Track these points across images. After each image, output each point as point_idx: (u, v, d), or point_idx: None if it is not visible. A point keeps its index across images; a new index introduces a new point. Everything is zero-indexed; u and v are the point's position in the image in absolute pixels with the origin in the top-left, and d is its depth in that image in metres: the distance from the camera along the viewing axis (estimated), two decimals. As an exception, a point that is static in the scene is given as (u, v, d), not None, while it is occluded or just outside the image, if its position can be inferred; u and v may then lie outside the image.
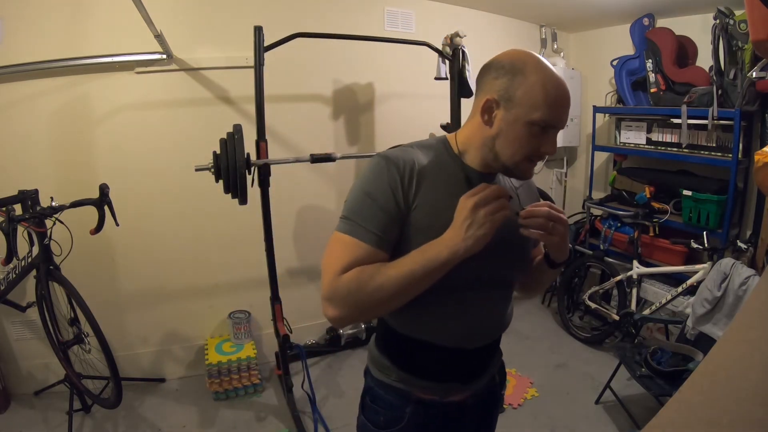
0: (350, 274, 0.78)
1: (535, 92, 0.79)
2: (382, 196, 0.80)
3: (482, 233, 0.75)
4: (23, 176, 2.07)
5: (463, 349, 0.91)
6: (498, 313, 0.95)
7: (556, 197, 3.60)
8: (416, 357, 0.92)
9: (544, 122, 0.80)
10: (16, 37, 2.03)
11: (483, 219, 0.75)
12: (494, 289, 0.92)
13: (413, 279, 0.77)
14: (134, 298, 2.43)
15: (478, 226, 0.75)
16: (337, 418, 2.20)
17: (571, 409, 2.25)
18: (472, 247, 0.76)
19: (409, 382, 0.93)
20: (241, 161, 1.83)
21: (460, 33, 2.47)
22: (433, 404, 0.94)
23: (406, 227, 0.82)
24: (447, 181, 0.85)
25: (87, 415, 2.16)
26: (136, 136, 2.30)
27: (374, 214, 0.80)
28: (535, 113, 0.78)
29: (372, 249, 0.79)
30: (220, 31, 2.37)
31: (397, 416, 0.95)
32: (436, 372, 0.92)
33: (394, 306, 0.81)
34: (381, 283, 0.77)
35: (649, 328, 2.78)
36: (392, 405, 0.95)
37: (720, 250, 2.32)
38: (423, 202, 0.81)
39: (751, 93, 2.34)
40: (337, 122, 2.72)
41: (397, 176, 0.81)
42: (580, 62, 3.52)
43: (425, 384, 0.93)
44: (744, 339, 0.75)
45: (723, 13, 2.34)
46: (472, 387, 0.97)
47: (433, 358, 0.91)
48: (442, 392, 0.94)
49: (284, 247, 2.61)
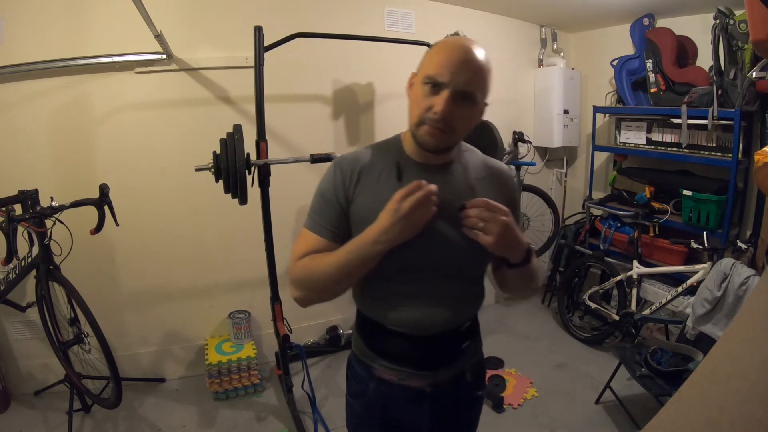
0: (302, 261, 0.91)
1: (433, 53, 0.88)
2: (329, 194, 0.94)
3: (400, 229, 0.81)
4: (23, 176, 2.07)
5: (414, 335, 0.94)
6: (449, 304, 0.94)
7: (556, 197, 3.59)
8: (376, 338, 0.99)
9: (433, 78, 0.83)
10: (16, 37, 2.03)
11: (404, 214, 0.80)
12: (444, 279, 0.93)
13: (349, 264, 0.86)
14: (134, 298, 2.43)
15: (399, 220, 0.80)
16: (337, 418, 2.20)
17: (571, 409, 2.25)
18: (394, 239, 0.82)
19: (372, 360, 1.00)
20: (241, 161, 1.83)
21: (460, 33, 2.47)
22: (392, 384, 0.99)
23: (350, 220, 0.92)
24: (384, 174, 0.92)
25: (87, 415, 2.16)
26: (136, 136, 2.30)
27: (324, 210, 0.94)
28: (427, 70, 0.85)
29: (325, 240, 0.92)
30: (220, 31, 2.37)
31: (363, 390, 1.03)
32: (390, 354, 0.97)
33: (341, 288, 0.92)
34: (323, 269, 0.88)
35: (649, 328, 2.78)
36: (361, 378, 1.04)
37: (720, 250, 2.32)
38: (361, 197, 0.91)
39: (751, 93, 2.34)
40: (337, 122, 2.72)
41: (340, 176, 0.92)
42: (580, 62, 3.52)
43: (384, 364, 0.99)
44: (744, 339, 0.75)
45: (723, 13, 2.34)
46: (430, 376, 0.98)
47: (388, 340, 0.96)
48: (397, 375, 0.98)
49: (284, 247, 2.60)
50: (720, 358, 0.70)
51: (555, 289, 3.32)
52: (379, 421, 1.04)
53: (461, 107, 0.84)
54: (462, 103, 0.84)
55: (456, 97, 0.83)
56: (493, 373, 2.54)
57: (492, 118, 2.49)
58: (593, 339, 2.84)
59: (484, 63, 0.86)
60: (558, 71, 3.28)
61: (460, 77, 0.82)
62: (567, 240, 3.27)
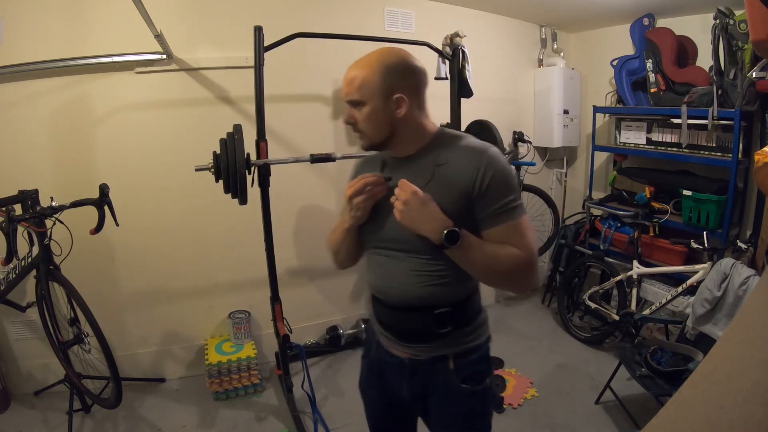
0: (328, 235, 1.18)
1: None
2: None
3: (349, 210, 1.04)
4: (23, 176, 2.08)
5: (387, 303, 1.07)
6: (409, 277, 1.02)
7: (556, 197, 3.59)
8: (372, 303, 1.14)
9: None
10: (16, 37, 2.03)
11: (355, 203, 1.02)
12: (403, 253, 1.02)
13: (338, 238, 1.12)
14: (134, 298, 2.43)
15: (347, 204, 1.04)
16: (337, 418, 2.20)
17: (571, 409, 2.25)
18: (351, 219, 1.05)
19: (374, 323, 1.14)
20: (241, 161, 1.83)
21: (460, 33, 2.47)
22: (384, 350, 1.12)
23: None
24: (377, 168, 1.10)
25: (87, 415, 2.16)
26: (136, 136, 2.30)
27: None
28: None
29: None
30: (220, 31, 2.37)
31: (368, 350, 1.21)
32: (381, 320, 1.11)
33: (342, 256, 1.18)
34: (329, 240, 1.18)
35: (649, 328, 2.78)
36: (370, 339, 1.21)
37: (720, 250, 2.32)
38: None
39: (751, 93, 2.34)
40: (337, 122, 2.72)
41: (353, 173, 1.17)
42: (580, 62, 3.52)
43: (378, 328, 1.12)
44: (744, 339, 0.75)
45: (723, 13, 2.34)
46: (409, 350, 1.07)
47: (377, 306, 1.11)
48: (386, 340, 1.10)
49: (284, 247, 2.61)
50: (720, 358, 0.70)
51: (555, 289, 3.32)
52: (378, 383, 1.18)
53: (357, 112, 1.02)
54: (356, 108, 1.02)
55: (350, 106, 1.03)
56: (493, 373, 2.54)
57: (492, 118, 2.50)
58: (593, 339, 2.84)
59: (359, 70, 0.99)
60: (558, 71, 3.28)
61: (344, 91, 1.03)
62: (567, 240, 3.27)
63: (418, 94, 1.02)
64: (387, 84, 0.97)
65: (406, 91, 0.98)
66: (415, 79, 1.01)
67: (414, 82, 1.01)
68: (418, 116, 1.02)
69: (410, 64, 1.01)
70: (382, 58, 0.99)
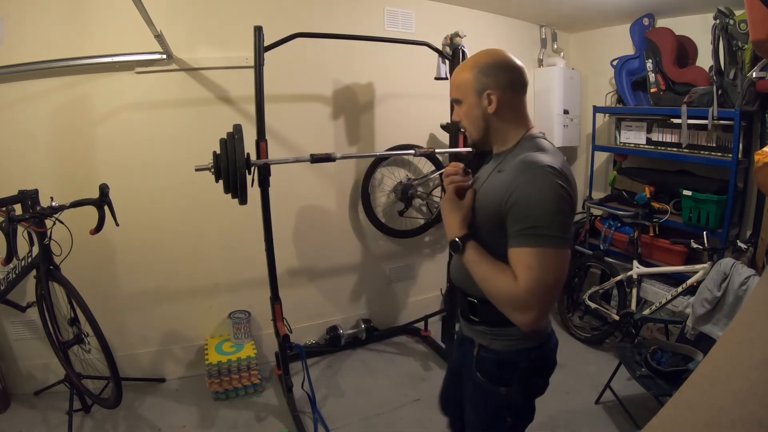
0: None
1: None
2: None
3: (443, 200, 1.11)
4: (23, 176, 2.08)
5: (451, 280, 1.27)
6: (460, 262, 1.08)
7: (556, 197, 3.60)
8: None
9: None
10: (17, 37, 2.03)
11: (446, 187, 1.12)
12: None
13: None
14: (134, 298, 2.43)
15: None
16: (337, 418, 2.20)
17: (571, 409, 2.25)
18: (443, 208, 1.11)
19: None
20: (241, 161, 1.83)
21: (460, 33, 2.47)
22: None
23: None
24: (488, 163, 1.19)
25: (87, 415, 2.16)
26: (136, 136, 2.30)
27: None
28: None
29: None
30: (220, 31, 2.37)
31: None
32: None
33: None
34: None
35: (649, 328, 2.78)
36: None
37: (720, 250, 2.32)
38: None
39: (751, 93, 2.34)
40: (337, 122, 2.72)
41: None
42: (580, 62, 3.52)
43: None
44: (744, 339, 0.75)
45: (723, 13, 2.34)
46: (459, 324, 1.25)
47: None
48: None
49: (284, 247, 2.61)
50: (720, 358, 0.70)
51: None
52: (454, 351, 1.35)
53: (458, 111, 1.11)
54: (458, 107, 1.10)
55: (453, 106, 1.12)
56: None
57: (492, 118, 2.49)
58: (593, 339, 2.84)
59: (458, 73, 1.08)
60: (558, 71, 3.27)
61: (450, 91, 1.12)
62: (567, 240, 3.27)
63: (510, 92, 1.04)
64: (480, 82, 1.03)
65: (497, 88, 1.02)
66: (507, 77, 1.03)
67: (505, 80, 1.03)
68: (510, 116, 1.06)
69: (503, 63, 1.04)
70: (478, 58, 1.06)
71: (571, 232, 0.96)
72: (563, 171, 0.94)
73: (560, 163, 0.96)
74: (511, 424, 1.16)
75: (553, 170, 0.93)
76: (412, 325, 2.98)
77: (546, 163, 0.94)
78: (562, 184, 0.92)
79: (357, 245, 2.91)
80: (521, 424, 1.19)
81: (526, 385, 1.13)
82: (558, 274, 0.92)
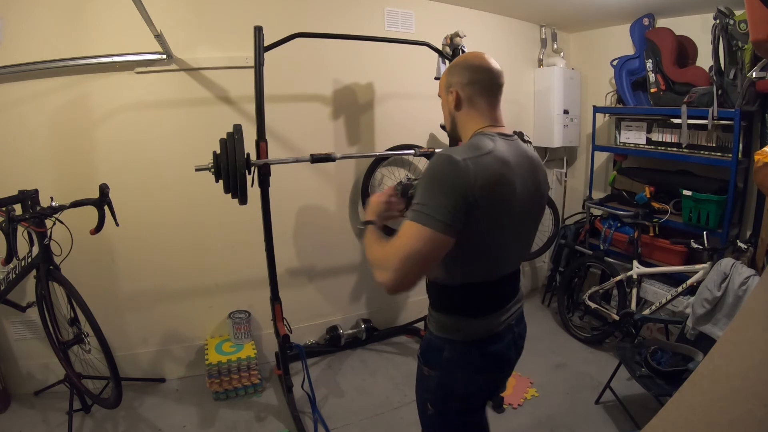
0: None
1: None
2: None
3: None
4: (23, 176, 2.07)
5: None
6: None
7: (556, 197, 3.60)
8: None
9: None
10: (17, 37, 2.03)
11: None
12: None
13: None
14: (134, 298, 2.43)
15: None
16: (337, 418, 2.20)
17: (571, 409, 2.25)
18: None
19: None
20: (241, 161, 1.83)
21: (460, 33, 2.47)
22: None
23: None
24: None
25: (87, 415, 2.16)
26: (136, 136, 2.29)
27: None
28: None
29: None
30: (220, 31, 2.37)
31: None
32: None
33: None
34: None
35: (649, 328, 2.78)
36: None
37: (720, 250, 2.32)
38: None
39: (751, 93, 2.34)
40: (337, 122, 2.72)
41: None
42: (580, 62, 3.52)
43: None
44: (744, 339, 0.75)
45: (723, 13, 2.34)
46: None
47: None
48: None
49: (284, 247, 2.61)
50: (720, 358, 0.70)
51: (555, 289, 3.32)
52: None
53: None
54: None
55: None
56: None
57: (492, 118, 2.49)
58: (593, 339, 2.84)
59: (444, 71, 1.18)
60: (558, 71, 3.27)
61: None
62: (567, 240, 3.27)
63: (470, 90, 1.09)
64: (448, 79, 1.13)
65: (458, 86, 1.10)
66: (469, 75, 1.09)
67: (467, 79, 1.09)
68: (471, 113, 1.11)
69: (470, 63, 1.10)
70: (455, 60, 1.16)
71: (453, 217, 0.93)
72: (464, 161, 0.95)
73: (472, 156, 0.97)
74: (433, 414, 1.20)
75: (447, 159, 0.95)
76: (412, 325, 2.98)
77: (447, 153, 0.97)
78: (450, 170, 0.94)
79: (357, 245, 2.91)
80: (443, 420, 1.20)
81: (446, 375, 1.14)
82: (417, 248, 0.93)
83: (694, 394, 0.62)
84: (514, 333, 1.22)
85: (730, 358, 0.70)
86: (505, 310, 1.17)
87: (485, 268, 1.09)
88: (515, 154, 1.05)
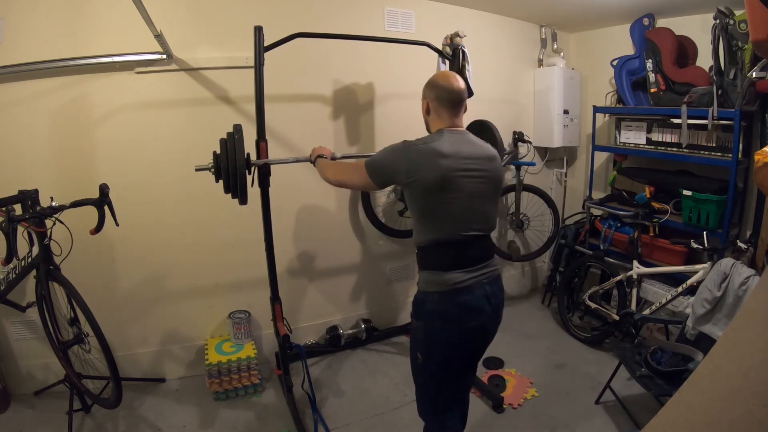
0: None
1: None
2: None
3: None
4: (23, 176, 2.07)
5: None
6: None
7: (556, 197, 3.60)
8: None
9: None
10: (16, 37, 2.03)
11: None
12: None
13: None
14: (134, 297, 2.43)
15: None
16: (337, 418, 2.20)
17: (571, 409, 2.25)
18: None
19: None
20: (241, 161, 1.83)
21: (460, 33, 2.47)
22: None
23: None
24: None
25: (87, 415, 2.16)
26: (136, 137, 2.30)
27: None
28: None
29: None
30: (220, 31, 2.37)
31: None
32: None
33: None
34: None
35: (649, 328, 2.78)
36: None
37: (720, 250, 2.31)
38: None
39: (751, 93, 2.34)
40: (337, 122, 2.72)
41: None
42: (580, 62, 3.52)
43: None
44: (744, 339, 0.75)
45: (723, 13, 2.34)
46: None
47: None
48: None
49: (284, 247, 2.62)
50: (720, 358, 0.70)
51: (555, 289, 3.32)
52: None
53: None
54: None
55: None
56: (493, 373, 2.55)
57: (492, 118, 2.49)
58: (593, 339, 2.84)
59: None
60: (558, 71, 3.27)
61: None
62: (567, 240, 3.27)
63: (436, 103, 1.49)
64: (423, 92, 1.54)
65: (427, 98, 1.52)
66: (434, 92, 1.49)
67: (433, 94, 1.49)
68: (435, 118, 1.52)
69: (437, 82, 1.50)
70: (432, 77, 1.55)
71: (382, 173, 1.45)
72: (414, 144, 1.39)
73: (422, 141, 1.39)
74: (422, 363, 1.46)
75: (403, 143, 1.41)
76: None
77: (404, 139, 1.42)
78: (402, 146, 1.40)
79: (357, 245, 2.91)
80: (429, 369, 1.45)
81: (428, 324, 1.42)
82: (354, 177, 1.56)
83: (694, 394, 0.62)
84: (486, 290, 1.43)
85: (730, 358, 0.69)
86: (475, 269, 1.41)
87: (446, 229, 1.39)
88: (460, 141, 1.42)
